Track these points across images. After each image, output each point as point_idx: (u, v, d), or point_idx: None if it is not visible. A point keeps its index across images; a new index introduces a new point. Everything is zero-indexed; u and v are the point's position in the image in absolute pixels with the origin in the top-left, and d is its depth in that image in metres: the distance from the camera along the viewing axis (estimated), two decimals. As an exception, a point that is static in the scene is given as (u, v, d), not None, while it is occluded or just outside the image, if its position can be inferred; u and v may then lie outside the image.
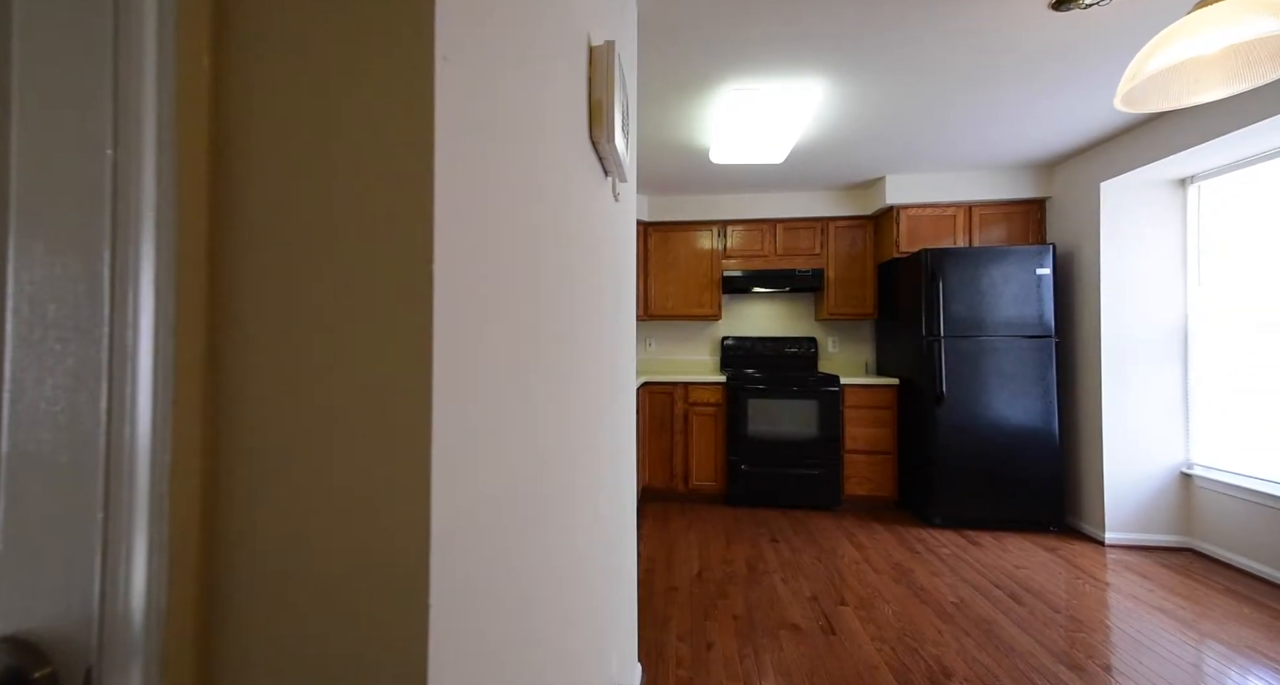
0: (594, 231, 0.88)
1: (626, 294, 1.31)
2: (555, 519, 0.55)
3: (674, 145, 2.75)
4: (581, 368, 0.74)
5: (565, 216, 0.62)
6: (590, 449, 0.81)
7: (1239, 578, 2.25)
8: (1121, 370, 2.66)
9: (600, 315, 0.92)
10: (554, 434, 0.54)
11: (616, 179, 1.03)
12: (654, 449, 3.40)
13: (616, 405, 1.13)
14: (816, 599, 2.08)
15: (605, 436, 0.97)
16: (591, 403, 0.82)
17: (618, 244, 1.16)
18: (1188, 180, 2.60)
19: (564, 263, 0.61)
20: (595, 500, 0.87)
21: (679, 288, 3.70)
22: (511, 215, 0.40)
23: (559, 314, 0.56)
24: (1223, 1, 1.13)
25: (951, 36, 1.75)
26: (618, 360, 1.15)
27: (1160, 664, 1.66)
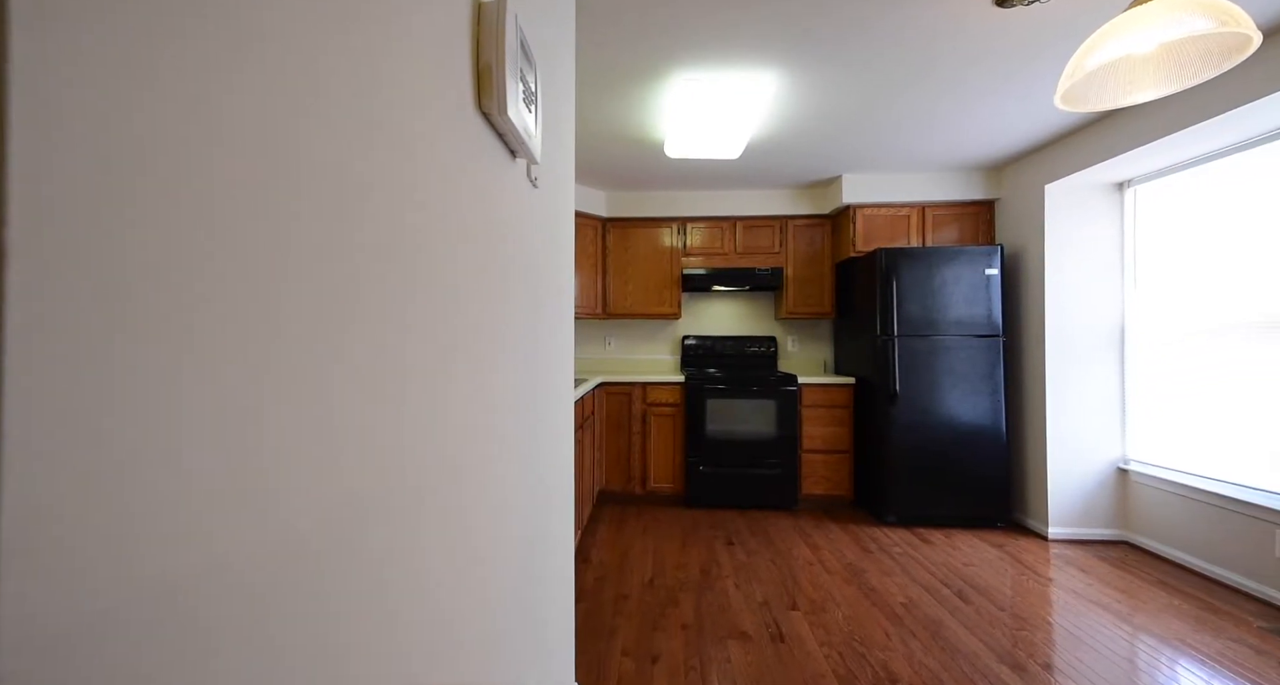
0: (492, 219, 0.77)
1: (556, 290, 1.21)
2: (404, 554, 0.45)
3: (628, 138, 2.66)
4: (471, 376, 0.64)
5: (423, 199, 0.51)
6: (489, 465, 0.71)
7: (1171, 570, 2.33)
8: (1064, 369, 2.73)
9: (508, 313, 0.82)
10: (387, 460, 0.43)
11: (528, 161, 0.93)
12: (611, 451, 3.31)
13: (540, 412, 1.04)
14: (768, 604, 2.03)
15: (520, 449, 0.87)
16: (490, 413, 0.73)
17: (540, 235, 1.06)
18: (1125, 184, 2.69)
19: (424, 252, 0.51)
20: (502, 521, 0.77)
21: (639, 286, 3.62)
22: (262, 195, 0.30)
23: (405, 312, 0.46)
24: (1149, 3, 1.12)
25: (897, 30, 1.72)
26: (542, 363, 1.05)
27: (1097, 660, 1.68)
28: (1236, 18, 1.02)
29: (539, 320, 1.03)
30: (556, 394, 1.25)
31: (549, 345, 1.12)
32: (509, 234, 0.83)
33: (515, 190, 0.87)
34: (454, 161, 0.60)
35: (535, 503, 0.99)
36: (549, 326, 1.14)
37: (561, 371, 1.30)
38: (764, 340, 3.69)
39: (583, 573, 2.31)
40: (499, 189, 0.78)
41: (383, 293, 0.42)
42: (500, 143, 0.79)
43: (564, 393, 1.34)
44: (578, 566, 2.38)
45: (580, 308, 3.49)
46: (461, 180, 0.63)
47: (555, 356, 1.21)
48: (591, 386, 2.92)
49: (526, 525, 0.93)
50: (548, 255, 1.13)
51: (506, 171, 0.82)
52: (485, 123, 0.71)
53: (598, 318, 3.64)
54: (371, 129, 0.41)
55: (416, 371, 0.48)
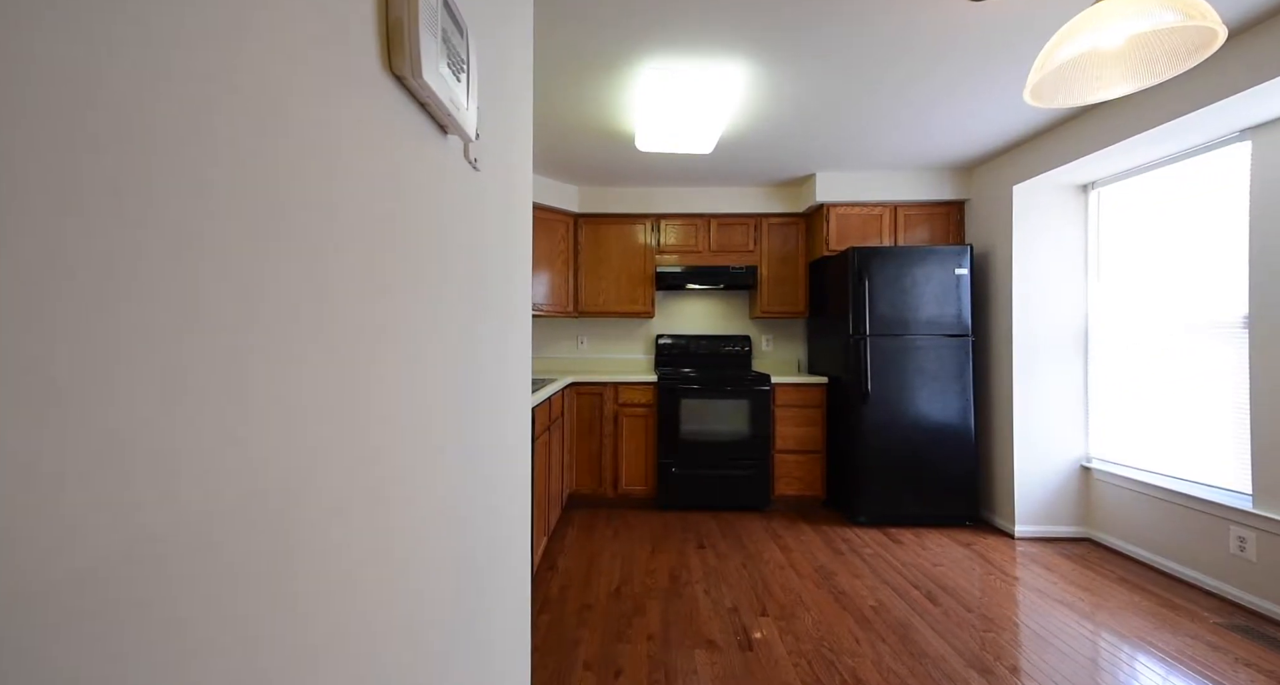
0: (413, 201, 0.68)
1: (509, 287, 1.12)
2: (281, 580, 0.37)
3: (599, 130, 2.58)
4: (387, 385, 0.56)
5: (307, 175, 0.43)
6: (418, 476, 0.63)
7: (1132, 566, 2.37)
8: (1030, 368, 2.76)
9: (439, 313, 0.73)
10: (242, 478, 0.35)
11: (464, 141, 0.84)
12: (582, 453, 3.22)
13: (488, 419, 0.95)
14: (737, 610, 1.98)
15: (458, 459, 0.79)
16: (416, 422, 0.64)
17: (486, 225, 0.97)
18: (1089, 186, 2.73)
19: (309, 238, 0.42)
20: (434, 537, 0.69)
21: (611, 283, 3.54)
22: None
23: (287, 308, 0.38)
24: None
25: (869, 20, 1.68)
26: (489, 367, 0.97)
27: (1062, 661, 1.67)
28: (1203, 11, 1.00)
29: (483, 321, 0.94)
30: (510, 398, 1.16)
31: (497, 347, 1.04)
32: (439, 221, 0.74)
33: (447, 171, 0.78)
34: (353, 130, 0.51)
35: (481, 514, 0.90)
36: (497, 327, 1.05)
37: (516, 374, 1.22)
38: (738, 339, 3.66)
39: (548, 581, 2.23)
40: (423, 168, 0.70)
41: (236, 290, 0.34)
42: (424, 115, 0.70)
43: (519, 396, 1.26)
44: (543, 574, 2.29)
45: (551, 306, 3.40)
46: (366, 154, 0.54)
47: (508, 359, 1.13)
48: (560, 387, 2.83)
49: (469, 539, 0.84)
50: (496, 247, 1.04)
51: (434, 149, 0.73)
52: (400, 89, 0.62)
53: (569, 316, 3.55)
54: (229, 93, 0.33)
55: (306, 385, 0.40)
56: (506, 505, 1.11)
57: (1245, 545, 1.98)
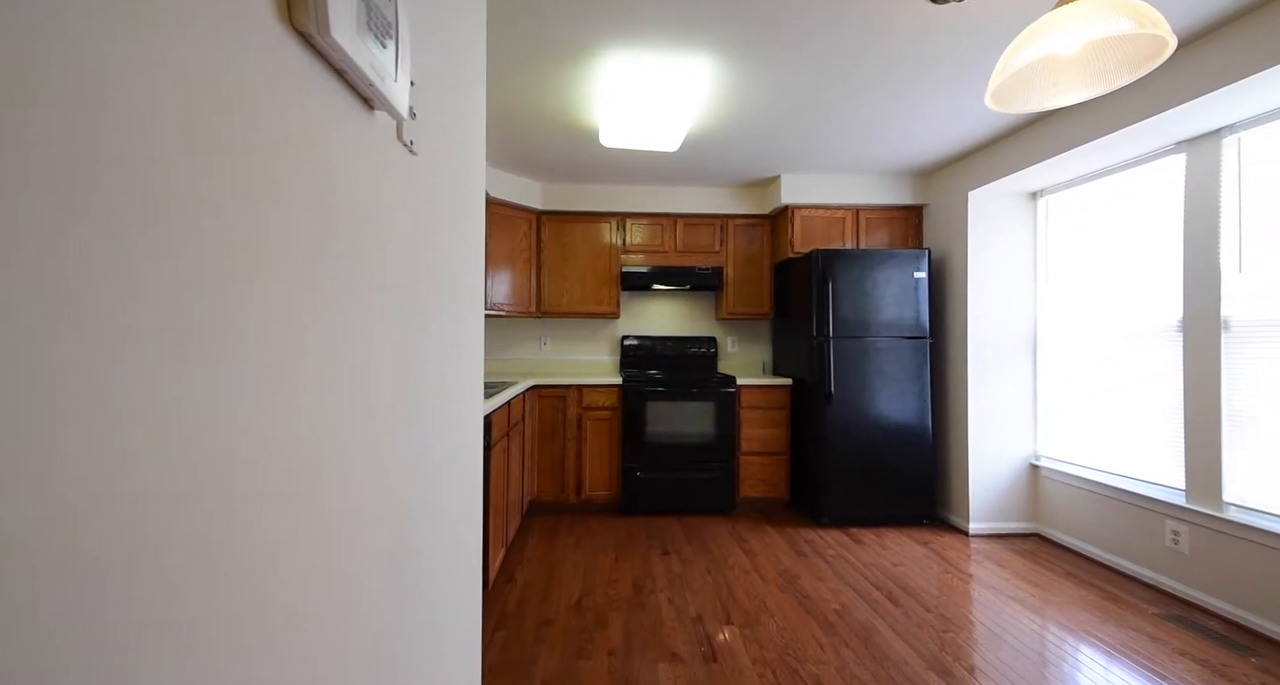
0: (333, 186, 0.59)
1: (454, 285, 1.02)
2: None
3: (562, 123, 2.49)
4: (295, 397, 0.46)
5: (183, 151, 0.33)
6: (335, 496, 0.54)
7: (1077, 561, 2.46)
8: (984, 370, 2.84)
9: (363, 315, 0.64)
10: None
11: (396, 120, 0.74)
12: (544, 458, 3.12)
13: (428, 428, 0.86)
14: (702, 619, 1.93)
15: (391, 474, 0.69)
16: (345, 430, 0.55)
17: (427, 216, 0.88)
18: (1038, 194, 2.83)
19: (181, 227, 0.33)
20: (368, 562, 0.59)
21: (576, 283, 3.45)
22: None
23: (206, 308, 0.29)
24: (1074, 3, 1.10)
25: (832, 19, 1.66)
26: (430, 373, 0.87)
27: (1015, 658, 1.70)
28: (1155, 20, 1.01)
29: (424, 320, 0.85)
30: (461, 403, 1.07)
31: (444, 350, 0.94)
32: (364, 207, 0.65)
33: (375, 152, 0.69)
34: (244, 97, 0.42)
35: (418, 532, 0.81)
36: (444, 328, 0.96)
37: (467, 377, 1.12)
38: (704, 341, 3.63)
39: (505, 595, 2.12)
40: (342, 146, 0.60)
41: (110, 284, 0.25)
42: (341, 84, 0.60)
43: (471, 401, 1.16)
44: (500, 587, 2.18)
45: (512, 306, 3.28)
46: (264, 126, 0.44)
47: (456, 361, 1.03)
48: (520, 390, 2.72)
49: (403, 562, 0.75)
50: (442, 241, 0.95)
51: (356, 125, 0.64)
52: (306, 49, 0.53)
53: (531, 316, 3.43)
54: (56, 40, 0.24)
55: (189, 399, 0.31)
56: (452, 521, 1.01)
57: (1179, 539, 2.08)
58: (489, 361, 3.67)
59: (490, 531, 1.99)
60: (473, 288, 1.18)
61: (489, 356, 3.67)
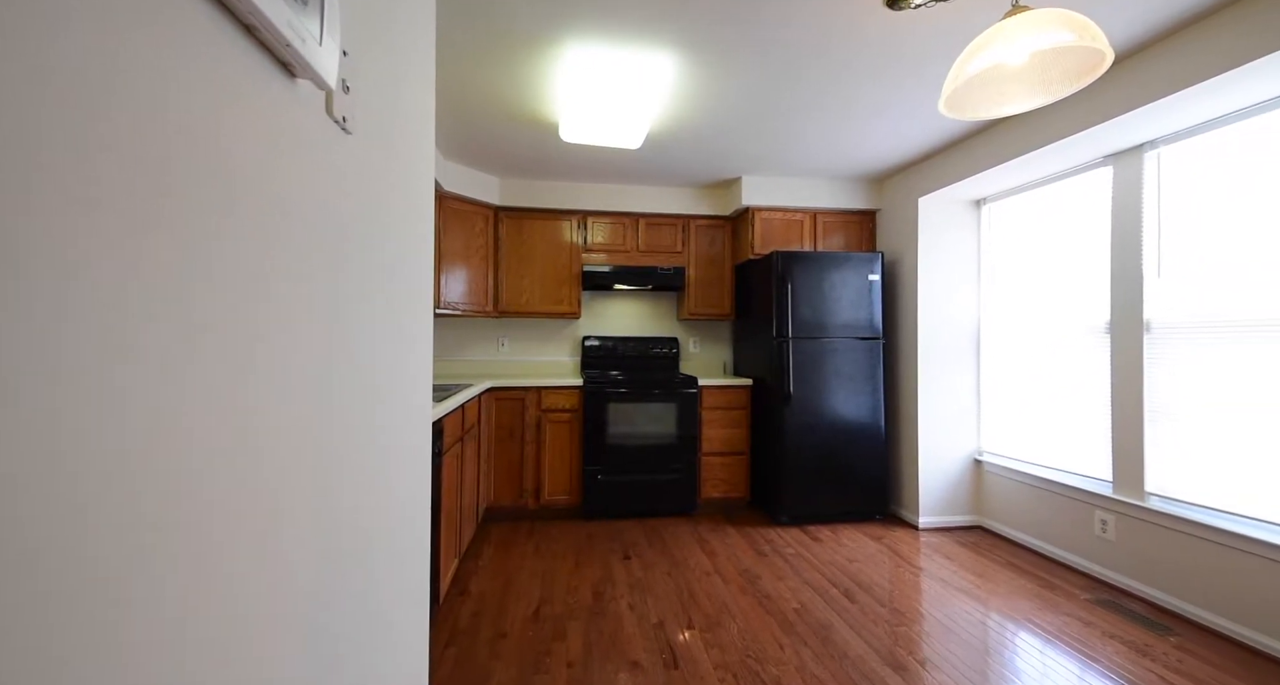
0: (241, 163, 0.51)
1: (391, 279, 0.94)
2: None
3: (521, 117, 2.40)
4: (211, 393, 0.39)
5: None
6: (254, 512, 0.46)
7: (1017, 551, 2.60)
8: (932, 369, 2.96)
9: (283, 303, 0.56)
10: None
11: (325, 91, 0.66)
12: (501, 462, 3.01)
13: (363, 439, 0.78)
14: (663, 625, 1.90)
15: (323, 489, 0.61)
16: (254, 441, 0.47)
17: (362, 204, 0.79)
18: (981, 201, 2.97)
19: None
20: (280, 595, 0.52)
21: (535, 282, 3.36)
22: None
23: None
24: (1027, 13, 1.14)
25: (790, 24, 1.67)
26: (360, 380, 0.79)
27: (963, 648, 1.76)
28: (1095, 34, 1.06)
29: (357, 321, 0.77)
30: (402, 407, 0.99)
31: (379, 352, 0.86)
32: (278, 188, 0.57)
33: (297, 126, 0.61)
34: (120, 51, 0.34)
35: (353, 553, 0.73)
36: (381, 328, 0.87)
37: (412, 381, 1.04)
38: (666, 341, 3.61)
39: (457, 608, 2.02)
40: (253, 115, 0.52)
41: None
42: (252, 43, 0.52)
43: (416, 405, 1.08)
44: (452, 601, 2.08)
45: (469, 305, 3.15)
46: (145, 86, 0.37)
47: (396, 365, 0.95)
48: (476, 392, 2.61)
49: (329, 587, 0.67)
50: (380, 233, 0.86)
51: (272, 91, 0.56)
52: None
53: (489, 316, 3.31)
54: None
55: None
56: (391, 538, 0.93)
57: (1107, 527, 2.22)
58: (444, 363, 3.52)
59: (441, 542, 1.89)
60: (420, 284, 1.10)
61: (444, 357, 3.52)
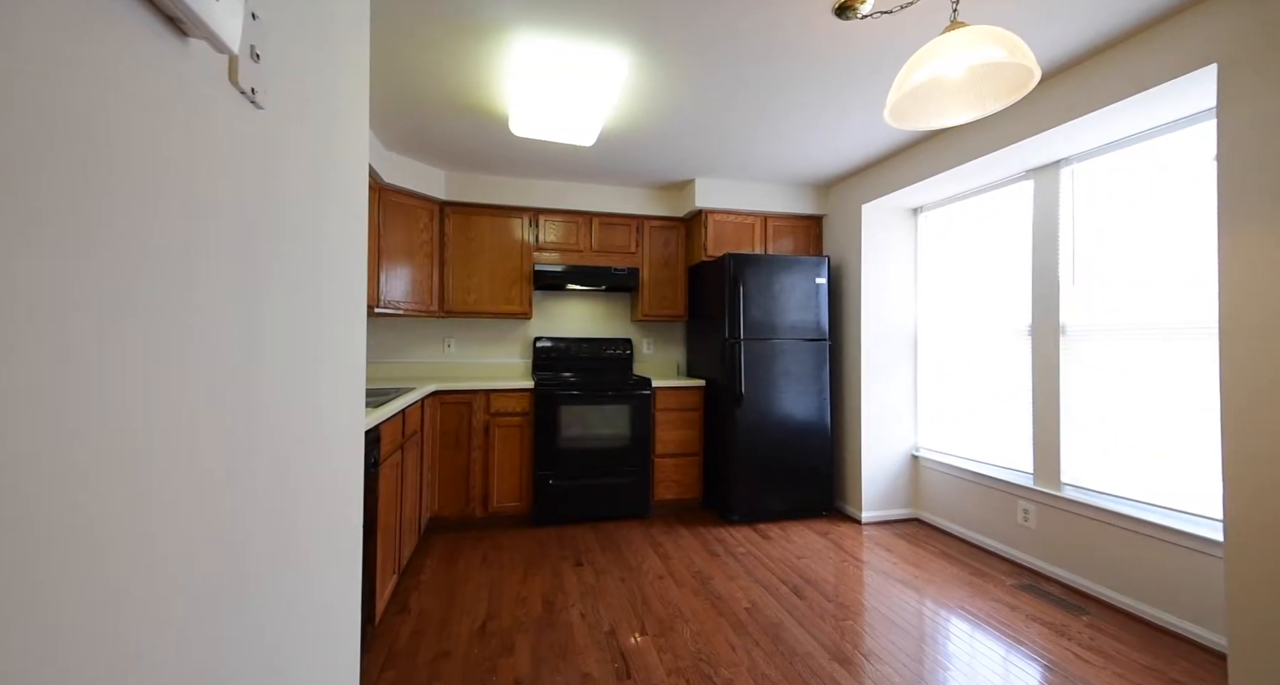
0: (98, 121, 0.42)
1: (312, 275, 0.85)
2: None
3: (468, 107, 2.29)
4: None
5: None
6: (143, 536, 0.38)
7: (950, 541, 2.75)
8: (874, 369, 3.08)
9: (175, 303, 0.47)
10: None
11: (214, 48, 0.57)
12: (446, 470, 2.87)
13: (270, 442, 0.69)
14: (615, 632, 1.86)
15: (223, 509, 0.52)
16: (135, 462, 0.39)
17: (273, 187, 0.70)
18: (918, 209, 3.13)
19: None
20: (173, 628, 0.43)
21: (484, 280, 3.23)
22: None
23: None
24: (964, 28, 1.18)
25: (740, 26, 1.67)
26: (284, 377, 0.70)
27: (903, 638, 1.84)
28: (1024, 53, 1.11)
29: (273, 320, 0.68)
30: (328, 414, 0.89)
31: (299, 354, 0.77)
32: (160, 162, 0.48)
33: (188, 92, 0.52)
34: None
35: (263, 581, 0.64)
36: (302, 327, 0.78)
37: (341, 385, 0.94)
38: (620, 342, 3.58)
39: (397, 627, 1.89)
40: (130, 77, 0.44)
41: None
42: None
43: (346, 411, 0.98)
44: (391, 620, 1.95)
45: (412, 304, 2.98)
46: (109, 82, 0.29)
47: (321, 368, 0.86)
48: (419, 397, 2.47)
49: (235, 620, 0.58)
50: (299, 222, 0.77)
51: (155, 50, 0.47)
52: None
53: (434, 316, 3.16)
54: None
55: None
56: (315, 559, 0.84)
57: (1028, 516, 2.39)
58: (385, 365, 3.32)
59: (378, 559, 1.76)
60: (351, 282, 1.00)
61: (385, 360, 3.32)
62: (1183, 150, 1.90)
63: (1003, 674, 1.64)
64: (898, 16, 1.58)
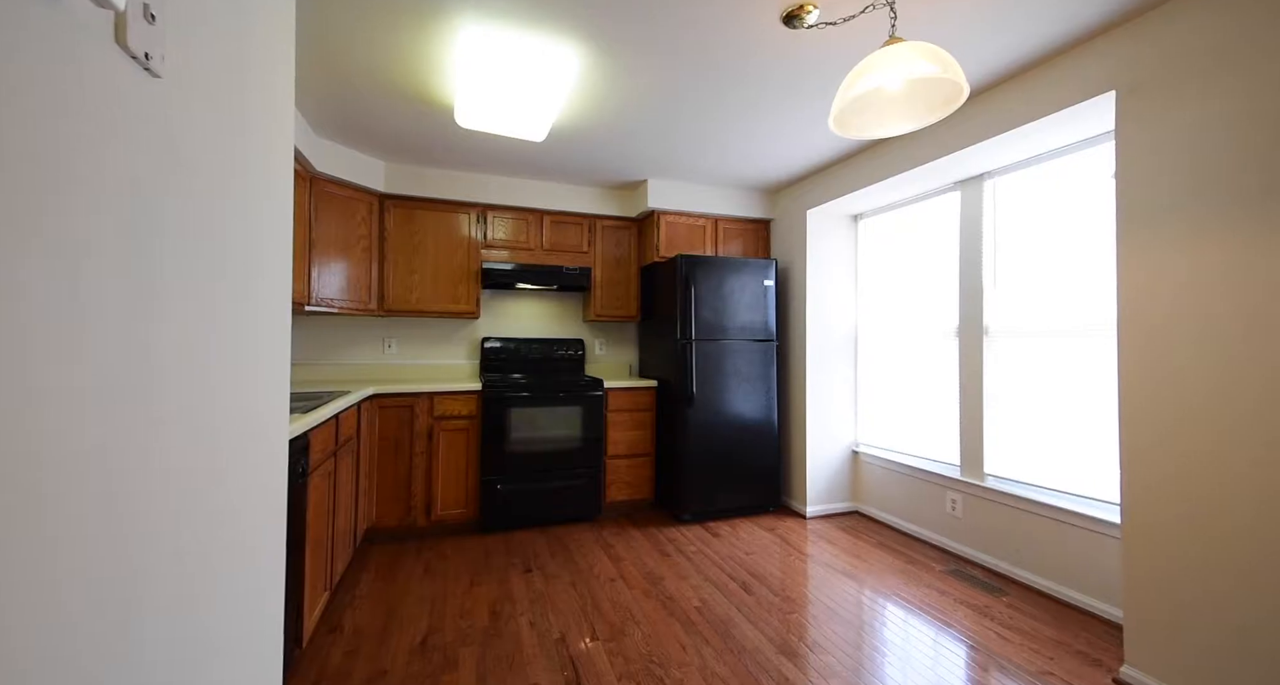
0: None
1: (219, 263, 0.76)
2: None
3: (410, 94, 2.17)
4: None
5: None
6: None
7: (886, 532, 2.90)
8: (818, 368, 3.20)
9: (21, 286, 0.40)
10: None
11: (98, 3, 0.50)
12: (386, 477, 2.72)
13: (184, 460, 0.61)
14: (565, 640, 1.82)
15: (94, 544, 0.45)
16: None
17: (161, 161, 0.62)
18: (859, 216, 3.29)
19: None
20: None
21: (428, 278, 3.09)
22: None
23: None
24: (902, 43, 1.24)
25: (693, 35, 1.69)
26: (189, 379, 0.62)
27: (845, 628, 1.91)
28: (956, 69, 1.18)
29: (175, 326, 0.60)
30: (248, 426, 0.80)
31: (206, 355, 0.69)
32: (28, 137, 0.41)
33: (62, 53, 0.45)
34: None
35: (168, 613, 0.56)
36: (210, 326, 0.70)
37: (258, 389, 0.86)
38: (572, 343, 3.53)
39: (327, 648, 1.76)
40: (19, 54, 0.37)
41: None
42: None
43: (266, 421, 0.89)
44: (321, 641, 1.81)
45: (348, 302, 2.80)
46: None
47: (234, 371, 0.77)
48: (355, 400, 2.32)
49: (134, 645, 0.50)
50: (206, 208, 0.69)
51: (9, 4, 0.40)
52: None
53: (373, 314, 2.98)
54: None
55: None
56: (229, 581, 0.75)
57: (956, 505, 2.56)
58: (318, 367, 3.10)
59: (306, 576, 1.63)
60: (273, 276, 0.91)
61: (318, 361, 3.10)
62: (1089, 167, 2.10)
63: (933, 656, 1.74)
64: (841, 28, 1.64)
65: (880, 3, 1.49)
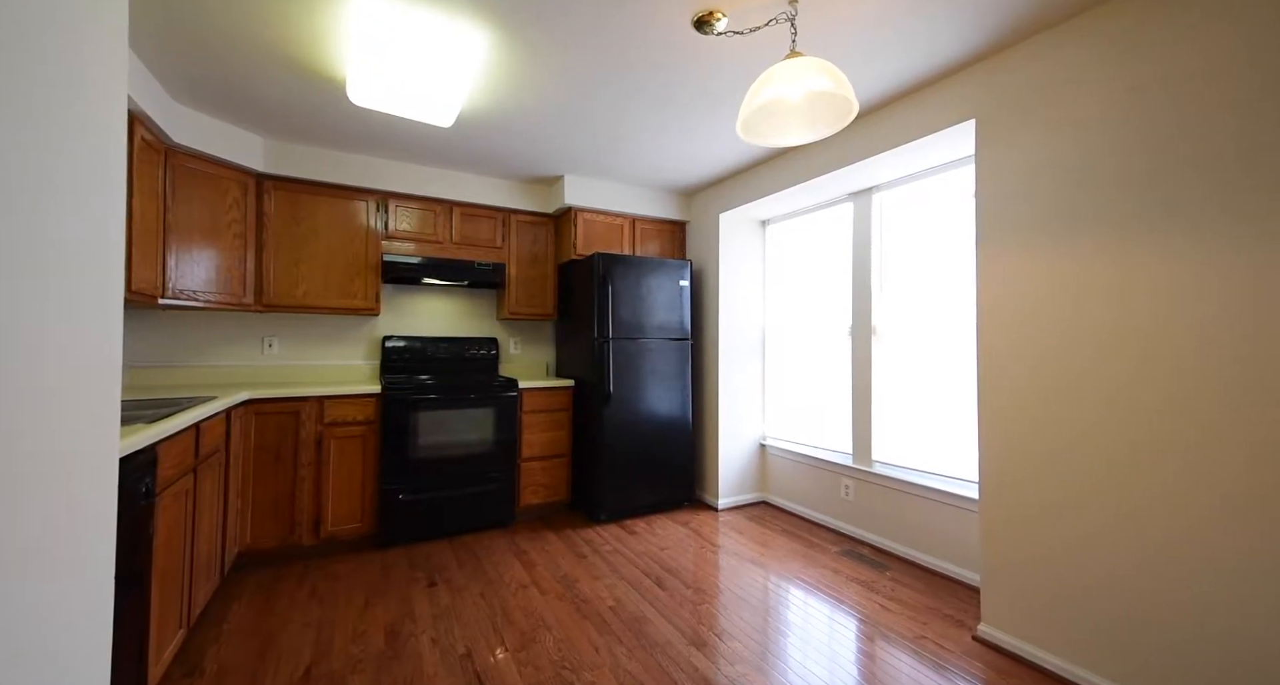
0: None
1: (12, 248, 0.61)
2: None
3: (293, 63, 1.94)
4: None
5: None
6: None
7: (790, 519, 3.09)
8: (729, 367, 3.34)
9: None
10: None
11: None
12: (264, 493, 2.41)
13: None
14: (471, 655, 1.72)
15: None
16: None
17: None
18: (766, 222, 3.47)
19: None
20: None
21: (318, 270, 2.79)
22: None
23: None
24: (800, 58, 1.32)
25: (605, 33, 1.68)
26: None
27: (752, 614, 2.00)
28: (846, 85, 1.27)
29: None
30: (62, 439, 0.65)
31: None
32: None
33: None
34: None
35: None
36: (11, 329, 0.56)
37: (79, 399, 0.70)
38: (485, 342, 3.37)
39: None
40: None
41: None
42: None
43: (88, 437, 0.73)
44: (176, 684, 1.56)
45: (217, 295, 2.45)
46: None
47: (42, 377, 0.62)
48: (223, 407, 2.03)
49: None
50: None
51: None
52: None
53: (249, 309, 2.63)
54: None
55: None
56: (34, 630, 0.60)
57: (849, 491, 2.79)
58: (180, 370, 2.68)
59: (153, 612, 1.39)
60: (86, 260, 0.75)
61: (180, 363, 2.68)
62: (958, 185, 2.38)
63: (829, 631, 1.88)
64: (748, 38, 1.71)
65: (783, 18, 1.58)
